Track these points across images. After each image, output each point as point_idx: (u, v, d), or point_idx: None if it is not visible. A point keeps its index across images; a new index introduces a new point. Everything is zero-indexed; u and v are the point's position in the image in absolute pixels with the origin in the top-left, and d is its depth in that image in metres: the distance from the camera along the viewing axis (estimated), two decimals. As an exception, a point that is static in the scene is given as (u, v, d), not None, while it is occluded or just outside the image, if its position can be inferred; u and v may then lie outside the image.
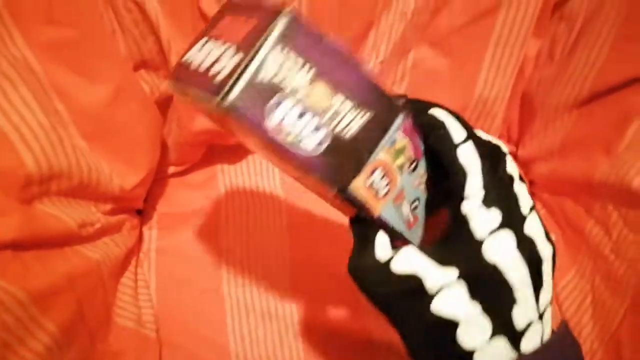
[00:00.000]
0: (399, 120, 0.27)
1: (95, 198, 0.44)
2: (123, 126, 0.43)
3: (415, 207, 0.30)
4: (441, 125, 0.28)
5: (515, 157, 0.67)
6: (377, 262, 0.27)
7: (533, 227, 0.28)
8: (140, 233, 0.56)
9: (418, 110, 0.29)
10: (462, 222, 0.27)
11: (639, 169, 0.48)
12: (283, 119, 0.24)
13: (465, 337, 0.26)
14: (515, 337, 0.26)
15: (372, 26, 0.52)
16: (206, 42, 0.26)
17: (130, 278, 0.51)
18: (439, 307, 0.26)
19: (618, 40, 0.50)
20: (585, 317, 0.54)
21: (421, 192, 0.30)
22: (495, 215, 0.26)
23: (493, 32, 0.53)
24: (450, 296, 0.26)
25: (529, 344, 0.27)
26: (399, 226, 0.29)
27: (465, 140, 0.28)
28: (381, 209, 0.28)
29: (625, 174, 0.49)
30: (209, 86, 0.24)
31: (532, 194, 0.66)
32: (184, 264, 0.55)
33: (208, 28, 0.27)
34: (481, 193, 0.26)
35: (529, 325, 0.27)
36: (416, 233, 0.30)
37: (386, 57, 0.53)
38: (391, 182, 0.28)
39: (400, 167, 0.28)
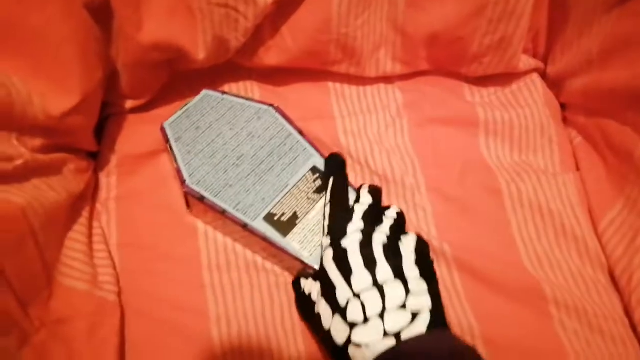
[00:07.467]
0: None
1: (16, 127, 0.35)
2: (38, 34, 0.34)
3: None
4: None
5: (543, 75, 0.56)
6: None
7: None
8: (96, 180, 0.47)
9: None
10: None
11: None
12: None
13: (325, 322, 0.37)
14: (342, 313, 0.36)
15: None
16: None
17: (81, 232, 0.43)
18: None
19: None
20: (636, 259, 0.45)
21: None
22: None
23: None
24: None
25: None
26: None
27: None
28: None
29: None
30: None
31: (565, 119, 0.55)
32: (151, 213, 0.47)
33: None
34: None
35: (347, 302, 0.36)
36: None
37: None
38: None
39: None
